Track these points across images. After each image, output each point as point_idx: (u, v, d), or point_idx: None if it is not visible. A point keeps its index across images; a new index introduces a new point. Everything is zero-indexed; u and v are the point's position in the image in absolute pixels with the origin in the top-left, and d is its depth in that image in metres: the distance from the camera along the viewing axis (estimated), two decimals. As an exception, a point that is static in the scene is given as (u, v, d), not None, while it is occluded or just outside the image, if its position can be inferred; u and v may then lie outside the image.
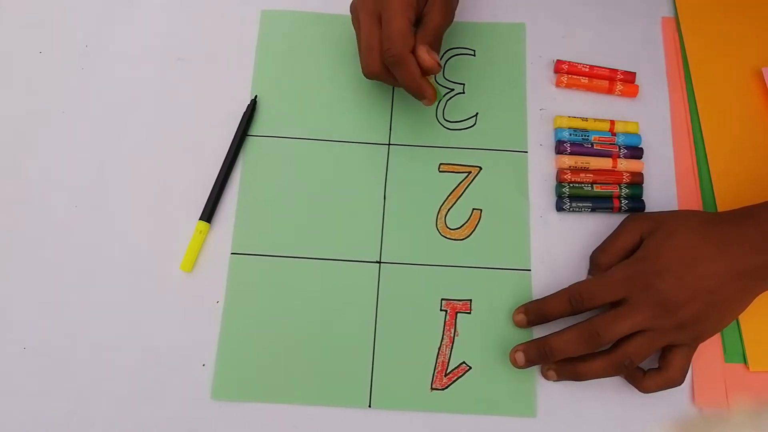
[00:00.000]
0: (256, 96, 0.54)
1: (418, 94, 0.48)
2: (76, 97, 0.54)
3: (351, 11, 0.50)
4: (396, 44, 0.45)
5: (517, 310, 0.48)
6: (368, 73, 0.49)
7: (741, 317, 0.48)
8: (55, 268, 0.50)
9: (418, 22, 0.48)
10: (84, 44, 0.56)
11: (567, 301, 0.46)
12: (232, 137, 0.52)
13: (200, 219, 0.50)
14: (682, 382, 0.45)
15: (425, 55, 0.46)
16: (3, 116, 0.54)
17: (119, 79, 0.55)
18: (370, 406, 0.47)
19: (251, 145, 0.53)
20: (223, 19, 0.57)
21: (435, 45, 0.48)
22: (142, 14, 0.57)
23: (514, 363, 0.46)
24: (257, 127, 0.53)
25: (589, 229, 0.51)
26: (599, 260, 0.48)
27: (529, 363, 0.46)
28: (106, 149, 0.53)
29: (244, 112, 0.53)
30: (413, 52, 0.46)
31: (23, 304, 0.49)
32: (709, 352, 0.48)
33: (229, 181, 0.52)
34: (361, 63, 0.49)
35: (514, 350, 0.46)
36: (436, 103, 0.54)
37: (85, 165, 0.52)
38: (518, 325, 0.48)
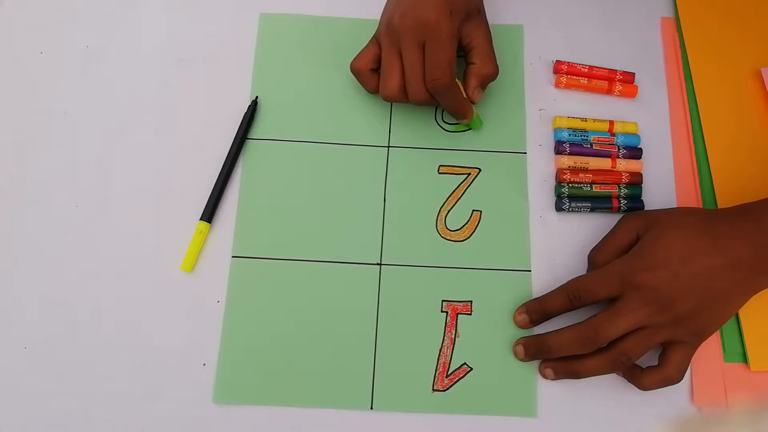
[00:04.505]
0: (257, 96, 0.54)
1: (461, 116, 0.51)
2: (78, 98, 0.54)
3: (385, 34, 0.50)
4: (446, 74, 0.47)
5: (519, 310, 0.48)
6: (414, 100, 0.49)
7: (741, 316, 0.48)
8: (56, 268, 0.50)
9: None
10: (85, 45, 0.56)
11: (565, 298, 0.46)
12: (233, 138, 0.53)
13: (201, 219, 0.50)
14: (681, 379, 0.45)
15: (478, 96, 0.51)
16: (4, 116, 0.54)
17: (120, 79, 0.55)
18: (371, 408, 0.47)
19: (251, 147, 0.53)
20: (222, 21, 0.57)
21: (484, 86, 0.51)
22: (142, 15, 0.57)
23: (515, 355, 0.48)
24: (257, 130, 0.53)
25: (589, 229, 0.51)
26: (596, 258, 0.49)
27: (528, 357, 0.47)
28: (107, 149, 0.53)
29: (246, 112, 0.53)
30: (465, 89, 0.50)
31: (24, 303, 0.49)
32: (708, 351, 0.48)
33: (229, 183, 0.52)
34: (387, 86, 0.49)
35: (516, 343, 0.48)
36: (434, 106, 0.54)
37: (86, 165, 0.52)
38: (520, 325, 0.48)
